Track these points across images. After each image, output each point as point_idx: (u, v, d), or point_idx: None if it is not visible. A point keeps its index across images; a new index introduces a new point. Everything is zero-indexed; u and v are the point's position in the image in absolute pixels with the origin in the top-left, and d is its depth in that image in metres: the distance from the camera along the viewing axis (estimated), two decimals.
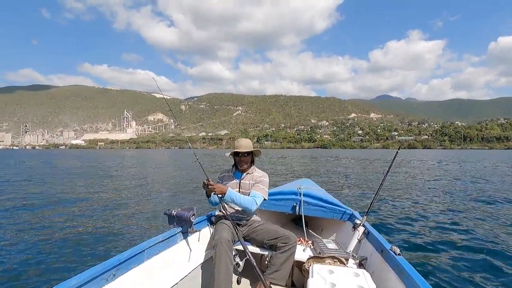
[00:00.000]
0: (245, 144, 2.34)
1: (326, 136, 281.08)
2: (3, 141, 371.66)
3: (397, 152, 2.16)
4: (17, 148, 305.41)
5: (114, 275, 1.48)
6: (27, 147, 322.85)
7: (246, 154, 2.34)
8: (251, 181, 2.37)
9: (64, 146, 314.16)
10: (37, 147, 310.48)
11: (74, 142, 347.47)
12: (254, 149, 2.35)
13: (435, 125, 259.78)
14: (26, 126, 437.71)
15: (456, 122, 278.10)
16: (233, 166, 2.49)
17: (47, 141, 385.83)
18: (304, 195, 2.89)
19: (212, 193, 2.20)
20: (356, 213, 2.71)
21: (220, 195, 2.14)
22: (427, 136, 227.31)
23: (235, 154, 2.35)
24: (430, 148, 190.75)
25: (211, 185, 2.11)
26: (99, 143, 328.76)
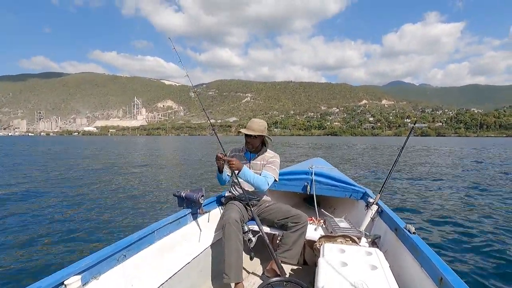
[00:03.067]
0: (256, 127, 2.23)
1: (337, 123, 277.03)
2: (19, 128, 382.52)
3: (413, 127, 2.11)
4: (32, 134, 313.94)
5: (125, 255, 1.50)
6: (42, 133, 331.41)
7: (255, 137, 2.24)
8: (262, 162, 2.32)
9: (77, 133, 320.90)
10: (51, 134, 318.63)
11: (86, 129, 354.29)
12: (263, 134, 2.24)
13: (450, 112, 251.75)
14: (40, 113, 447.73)
15: (472, 109, 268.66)
16: (245, 145, 2.39)
17: (60, 127, 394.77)
18: (316, 174, 2.85)
19: (227, 168, 2.15)
20: (369, 192, 2.67)
21: (236, 171, 2.07)
22: (441, 123, 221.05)
23: (245, 135, 2.26)
24: (444, 135, 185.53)
25: (229, 159, 2.03)
26: (110, 130, 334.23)
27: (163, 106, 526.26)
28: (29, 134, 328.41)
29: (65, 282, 1.16)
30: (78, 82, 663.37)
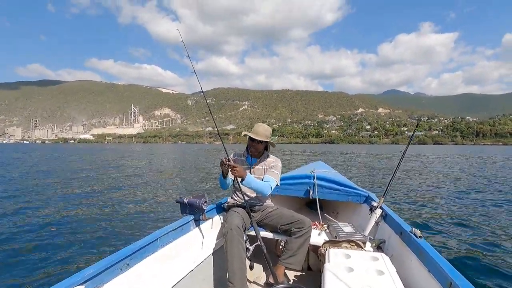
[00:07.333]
0: (262, 131, 2.23)
1: (334, 131, 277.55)
2: (14, 136, 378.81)
3: (413, 133, 1.90)
4: (27, 142, 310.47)
5: (128, 264, 1.48)
6: (37, 141, 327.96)
7: (259, 142, 2.22)
8: (264, 167, 2.32)
9: (73, 141, 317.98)
10: (46, 142, 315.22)
11: (82, 136, 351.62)
12: (268, 140, 2.25)
13: (445, 120, 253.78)
14: (36, 120, 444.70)
15: (467, 118, 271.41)
16: (246, 150, 2.38)
17: (56, 135, 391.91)
18: (318, 178, 2.82)
19: (230, 174, 2.10)
20: (373, 195, 2.63)
21: (239, 178, 2.03)
22: (437, 132, 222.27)
23: (249, 139, 2.24)
24: (441, 143, 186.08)
25: (233, 166, 1.98)
26: (107, 138, 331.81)
27: (160, 113, 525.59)
28: (24, 141, 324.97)
29: None
30: (75, 90, 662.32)
